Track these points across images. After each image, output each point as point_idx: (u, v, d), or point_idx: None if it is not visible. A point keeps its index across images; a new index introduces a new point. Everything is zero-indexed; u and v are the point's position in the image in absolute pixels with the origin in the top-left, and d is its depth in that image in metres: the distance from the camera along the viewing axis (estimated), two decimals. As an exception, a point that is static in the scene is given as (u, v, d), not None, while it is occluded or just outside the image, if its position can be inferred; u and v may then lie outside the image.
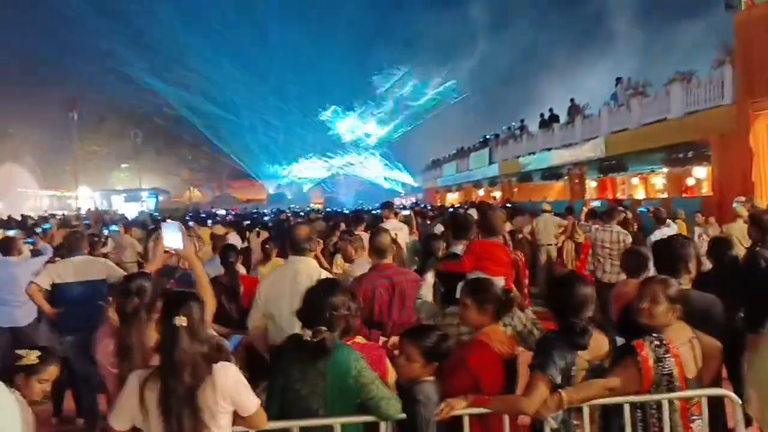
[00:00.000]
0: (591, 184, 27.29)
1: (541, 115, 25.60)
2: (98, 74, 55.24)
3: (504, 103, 51.19)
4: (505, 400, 2.78)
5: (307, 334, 2.60)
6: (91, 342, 3.36)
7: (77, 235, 5.78)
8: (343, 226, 9.93)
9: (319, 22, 65.94)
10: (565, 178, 23.31)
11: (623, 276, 7.99)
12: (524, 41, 59.93)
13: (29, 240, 9.84)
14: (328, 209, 40.21)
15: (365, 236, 7.86)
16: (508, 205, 19.20)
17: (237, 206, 46.97)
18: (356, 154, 70.79)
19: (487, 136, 33.50)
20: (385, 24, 65.85)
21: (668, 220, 8.16)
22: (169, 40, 59.88)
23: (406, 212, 11.75)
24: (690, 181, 19.99)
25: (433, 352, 2.73)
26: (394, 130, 71.83)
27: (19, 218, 19.62)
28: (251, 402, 2.41)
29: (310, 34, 64.64)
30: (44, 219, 19.38)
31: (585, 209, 9.37)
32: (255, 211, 32.77)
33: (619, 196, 25.25)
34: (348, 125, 71.97)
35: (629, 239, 8.02)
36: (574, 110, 22.06)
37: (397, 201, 57.05)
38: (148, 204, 49.43)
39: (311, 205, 56.95)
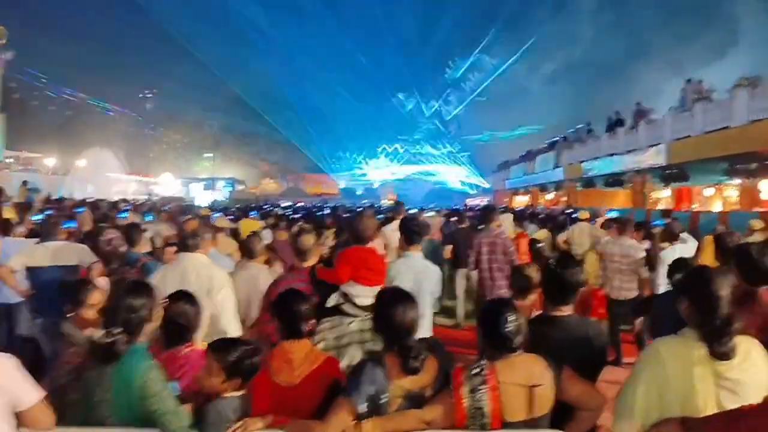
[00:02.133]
0: (665, 193, 26.01)
1: (609, 118, 24.57)
2: (178, 65, 57.63)
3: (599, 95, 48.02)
4: (304, 424, 2.52)
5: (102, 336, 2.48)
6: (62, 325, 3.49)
7: (53, 221, 6.01)
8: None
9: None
10: (628, 185, 22.25)
11: (634, 293, 7.65)
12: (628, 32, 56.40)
13: (69, 223, 10.38)
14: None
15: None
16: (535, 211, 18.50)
17: (304, 199, 47.84)
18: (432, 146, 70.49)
19: (555, 139, 32.50)
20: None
21: (684, 235, 7.56)
22: (249, 34, 61.76)
23: (431, 213, 11.56)
24: (764, 195, 18.59)
25: (235, 367, 2.53)
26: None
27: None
28: (29, 395, 2.30)
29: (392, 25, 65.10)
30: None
31: (600, 220, 8.85)
32: (311, 205, 33.25)
33: (695, 207, 23.92)
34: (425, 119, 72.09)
35: (641, 254, 7.55)
36: (638, 114, 21.01)
37: (469, 202, 56.85)
38: (223, 193, 51.32)
39: (383, 201, 57.33)
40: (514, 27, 63.29)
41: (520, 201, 40.51)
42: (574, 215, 12.85)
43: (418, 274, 4.67)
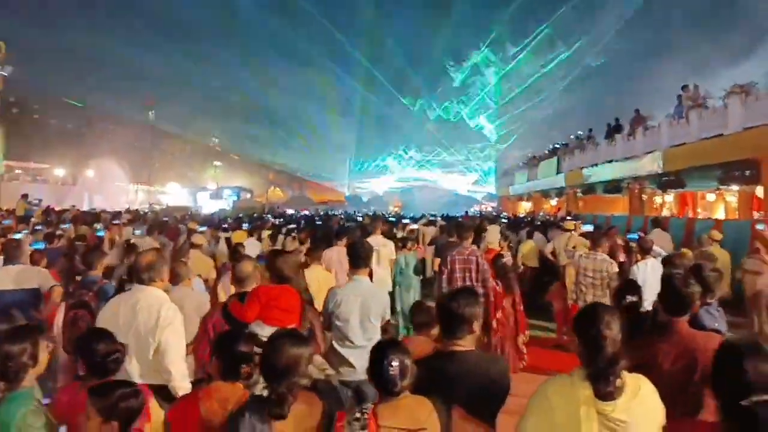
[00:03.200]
0: (668, 198, 25.82)
1: (608, 124, 24.45)
2: (183, 74, 58.13)
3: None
4: None
5: None
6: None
7: (14, 245, 6.04)
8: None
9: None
10: (626, 192, 22.14)
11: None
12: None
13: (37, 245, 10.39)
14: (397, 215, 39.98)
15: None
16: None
17: (310, 207, 47.89)
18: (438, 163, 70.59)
19: (557, 145, 32.38)
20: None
21: (658, 250, 7.51)
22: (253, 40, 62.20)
23: (414, 226, 11.49)
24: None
25: (111, 410, 2.49)
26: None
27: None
28: None
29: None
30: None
31: (575, 231, 8.78)
32: (304, 214, 33.27)
33: (700, 213, 23.73)
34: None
35: (614, 269, 7.50)
36: (636, 121, 20.90)
37: (476, 208, 56.70)
38: (228, 202, 51.54)
39: (390, 209, 57.32)
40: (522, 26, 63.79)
41: (525, 207, 40.42)
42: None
43: (365, 299, 4.66)
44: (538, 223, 16.84)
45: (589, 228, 10.20)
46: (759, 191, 16.16)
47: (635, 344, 3.30)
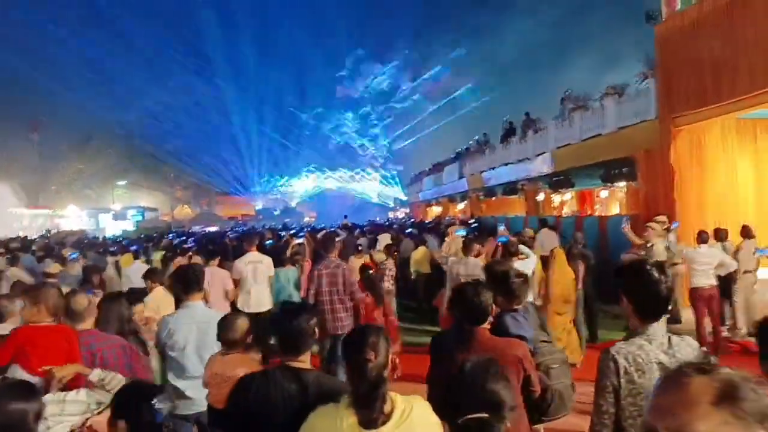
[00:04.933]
0: (566, 197, 26.78)
1: (503, 128, 25.13)
2: (73, 91, 55.56)
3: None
4: None
5: None
6: None
7: None
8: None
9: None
10: (522, 193, 22.80)
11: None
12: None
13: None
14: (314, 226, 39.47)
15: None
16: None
17: (218, 223, 46.69)
18: (347, 170, 70.89)
19: (458, 150, 33.03)
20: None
21: (526, 251, 7.64)
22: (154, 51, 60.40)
23: (299, 241, 11.27)
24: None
25: None
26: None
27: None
28: None
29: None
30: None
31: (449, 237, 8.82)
32: (209, 231, 32.47)
33: (598, 209, 24.70)
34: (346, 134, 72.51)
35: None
36: (526, 124, 21.59)
37: (390, 215, 57.00)
38: (132, 222, 49.50)
39: (305, 219, 56.68)
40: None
41: (436, 212, 40.96)
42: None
43: (200, 324, 4.40)
44: (430, 227, 16.99)
45: (462, 233, 10.27)
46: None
47: (440, 357, 3.26)
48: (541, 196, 23.03)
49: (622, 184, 20.20)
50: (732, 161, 12.62)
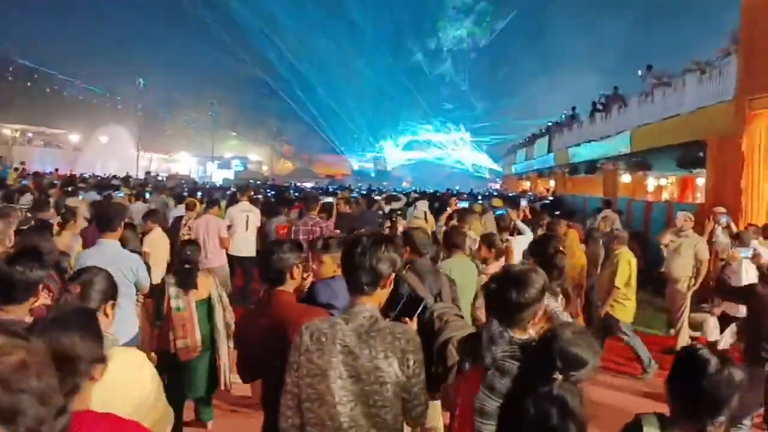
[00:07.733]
0: (662, 181, 25.01)
1: (593, 103, 23.75)
2: (194, 44, 58.41)
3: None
4: None
5: None
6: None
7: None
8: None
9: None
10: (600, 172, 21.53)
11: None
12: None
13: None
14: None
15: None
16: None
17: (313, 180, 48.12)
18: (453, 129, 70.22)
19: (549, 123, 31.67)
20: None
21: (522, 227, 7.23)
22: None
23: (329, 199, 11.24)
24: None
25: None
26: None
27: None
28: None
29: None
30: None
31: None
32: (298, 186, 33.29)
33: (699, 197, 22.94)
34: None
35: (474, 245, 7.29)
36: (612, 99, 20.27)
37: (486, 186, 56.01)
38: (234, 172, 51.85)
39: (403, 184, 57.05)
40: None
41: (526, 186, 39.72)
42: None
43: (111, 264, 4.53)
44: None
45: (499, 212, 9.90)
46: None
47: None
48: (626, 178, 21.63)
49: (697, 170, 18.62)
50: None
